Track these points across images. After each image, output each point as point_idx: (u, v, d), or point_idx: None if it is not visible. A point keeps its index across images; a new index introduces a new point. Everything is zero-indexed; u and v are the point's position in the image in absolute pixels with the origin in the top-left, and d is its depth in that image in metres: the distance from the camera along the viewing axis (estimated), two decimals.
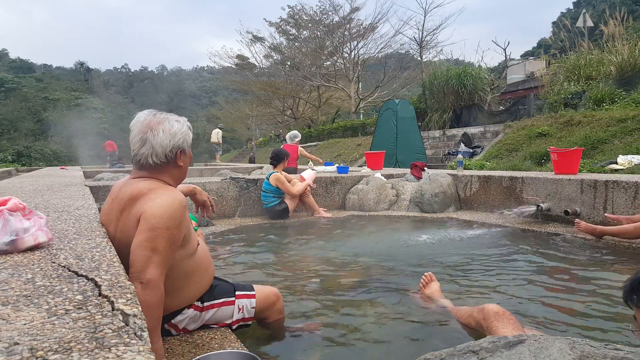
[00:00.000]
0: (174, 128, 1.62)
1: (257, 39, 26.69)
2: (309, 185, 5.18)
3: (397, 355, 1.79)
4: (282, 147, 7.43)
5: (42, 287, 0.96)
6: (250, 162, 19.34)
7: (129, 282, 1.03)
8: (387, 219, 5.15)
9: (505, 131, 10.02)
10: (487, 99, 13.48)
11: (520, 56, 35.50)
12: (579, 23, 15.86)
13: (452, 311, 2.08)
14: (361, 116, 25.07)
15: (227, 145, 36.42)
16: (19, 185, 3.88)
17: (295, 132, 8.19)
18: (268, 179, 4.99)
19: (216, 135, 17.81)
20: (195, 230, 2.38)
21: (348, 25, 23.40)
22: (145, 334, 0.77)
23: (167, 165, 1.63)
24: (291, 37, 26.25)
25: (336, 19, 23.53)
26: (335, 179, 5.82)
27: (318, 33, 24.65)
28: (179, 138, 1.63)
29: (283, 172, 5.16)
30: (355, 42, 23.65)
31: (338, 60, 24.98)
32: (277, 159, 5.14)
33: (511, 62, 19.76)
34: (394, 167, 9.36)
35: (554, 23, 33.35)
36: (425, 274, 2.42)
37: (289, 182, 5.08)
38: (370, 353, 1.80)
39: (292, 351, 1.81)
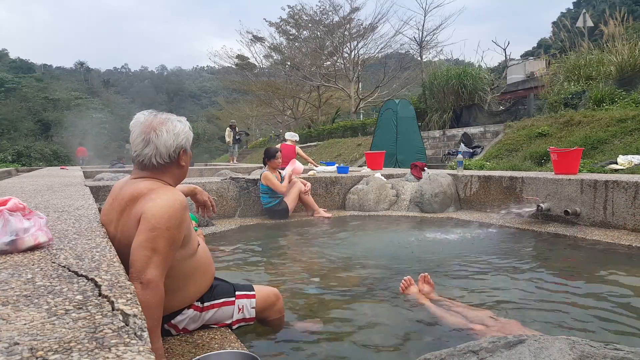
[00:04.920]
0: (177, 128, 1.63)
1: (257, 39, 26.70)
2: (294, 174, 5.14)
3: (397, 355, 1.78)
4: (279, 146, 7.49)
5: (42, 287, 0.96)
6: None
7: (129, 282, 1.03)
8: (387, 219, 5.15)
9: (505, 131, 10.01)
10: (487, 99, 13.48)
11: (520, 56, 35.50)
12: (579, 23, 15.87)
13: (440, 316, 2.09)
14: (361, 116, 25.06)
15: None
16: (19, 185, 3.88)
17: (292, 132, 8.41)
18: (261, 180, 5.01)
19: (228, 134, 16.51)
20: (195, 230, 2.38)
21: (348, 25, 23.40)
22: (145, 334, 0.77)
23: (169, 165, 1.64)
24: (291, 37, 26.26)
25: (336, 19, 23.56)
26: (335, 179, 5.82)
27: (318, 33, 24.66)
28: (182, 138, 1.64)
29: (280, 171, 5.16)
30: (355, 42, 23.66)
31: (338, 60, 24.97)
32: (265, 157, 5.11)
33: (511, 62, 19.77)
34: (394, 167, 9.36)
35: (554, 23, 33.38)
36: (405, 278, 2.45)
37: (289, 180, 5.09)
38: (371, 353, 1.80)
39: (292, 351, 1.81)
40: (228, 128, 16.82)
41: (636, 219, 3.75)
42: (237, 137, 16.63)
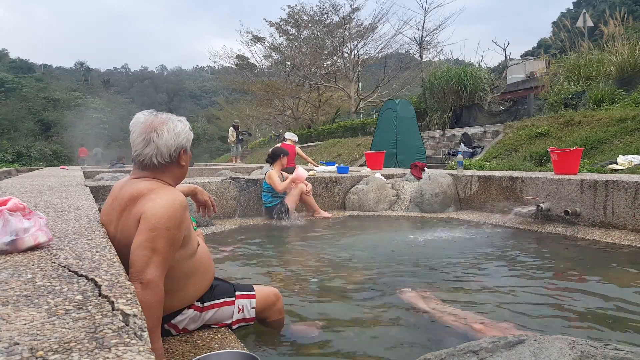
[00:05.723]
0: (178, 128, 1.63)
1: (257, 39, 26.70)
2: (296, 182, 5.08)
3: (397, 355, 1.78)
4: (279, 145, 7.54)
5: (42, 287, 0.96)
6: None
7: (129, 282, 1.03)
8: (387, 219, 5.15)
9: (505, 131, 10.01)
10: (487, 99, 13.47)
11: (520, 56, 35.47)
12: (579, 23, 15.88)
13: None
14: (361, 116, 25.06)
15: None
16: (19, 185, 3.88)
17: (291, 132, 8.50)
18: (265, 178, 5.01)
19: (231, 134, 16.27)
20: (195, 230, 2.38)
21: (348, 25, 23.40)
22: (145, 334, 0.77)
23: (170, 165, 1.64)
24: (291, 37, 26.26)
25: (336, 19, 23.56)
26: (335, 179, 5.82)
27: (318, 33, 24.66)
28: (182, 138, 1.64)
29: (284, 173, 5.16)
30: (355, 42, 23.66)
31: (338, 60, 24.97)
32: (272, 157, 5.12)
33: (511, 62, 19.78)
34: (394, 167, 9.36)
35: (554, 23, 33.35)
36: (401, 290, 2.45)
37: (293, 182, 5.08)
38: (370, 353, 1.80)
39: (292, 351, 1.81)
40: (231, 128, 16.59)
41: (636, 219, 3.75)
42: (239, 137, 16.52)
